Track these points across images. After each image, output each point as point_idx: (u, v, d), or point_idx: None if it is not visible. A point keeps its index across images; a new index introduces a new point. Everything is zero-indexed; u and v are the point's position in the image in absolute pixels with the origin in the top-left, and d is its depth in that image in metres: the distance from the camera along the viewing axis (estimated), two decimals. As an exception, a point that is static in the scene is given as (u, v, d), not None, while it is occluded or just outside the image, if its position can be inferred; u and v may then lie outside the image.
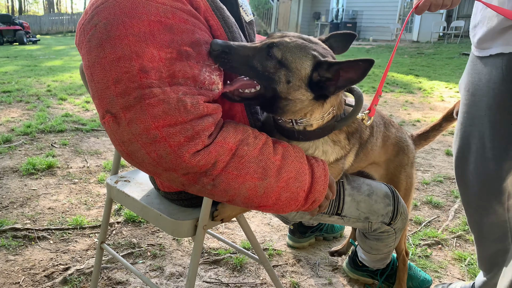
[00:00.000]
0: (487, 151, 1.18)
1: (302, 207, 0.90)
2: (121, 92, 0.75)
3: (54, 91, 5.19)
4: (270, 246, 1.80)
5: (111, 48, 0.75)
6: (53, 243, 1.77)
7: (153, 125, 0.74)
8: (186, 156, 0.75)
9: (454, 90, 6.09)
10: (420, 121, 4.27)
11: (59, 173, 2.56)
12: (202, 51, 0.82)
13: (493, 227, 1.28)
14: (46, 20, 22.47)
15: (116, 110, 0.76)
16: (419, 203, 2.31)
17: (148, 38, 0.75)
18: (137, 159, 0.78)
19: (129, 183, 1.31)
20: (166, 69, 0.76)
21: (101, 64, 0.76)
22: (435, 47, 12.38)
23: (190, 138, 0.76)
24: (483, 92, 1.14)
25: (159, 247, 1.77)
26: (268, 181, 0.82)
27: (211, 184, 0.80)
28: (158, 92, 0.75)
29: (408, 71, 8.01)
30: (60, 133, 3.43)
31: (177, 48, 0.78)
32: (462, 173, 1.29)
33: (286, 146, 0.89)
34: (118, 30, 0.75)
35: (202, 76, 0.81)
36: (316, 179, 0.89)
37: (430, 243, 1.87)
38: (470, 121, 1.20)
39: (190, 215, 1.09)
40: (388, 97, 5.49)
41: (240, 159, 0.80)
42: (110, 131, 0.79)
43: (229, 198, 0.83)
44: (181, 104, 0.76)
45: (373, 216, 1.20)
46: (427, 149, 3.35)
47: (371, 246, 1.35)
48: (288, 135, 0.97)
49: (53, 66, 7.79)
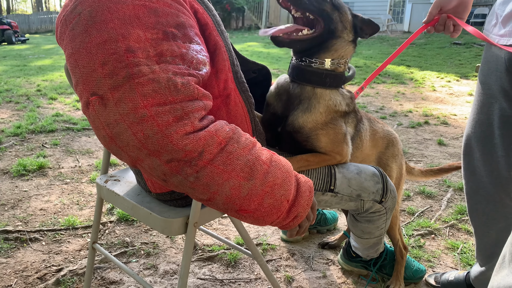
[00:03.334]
0: (495, 137, 1.18)
1: (283, 221, 0.87)
2: (109, 73, 0.74)
3: (44, 90, 5.13)
4: (264, 241, 1.80)
5: (96, 32, 0.75)
6: (45, 244, 1.76)
7: (141, 103, 0.72)
8: (174, 136, 0.73)
9: (446, 80, 6.11)
10: (412, 112, 4.28)
11: (51, 173, 2.54)
12: (188, 33, 0.83)
13: (498, 217, 1.28)
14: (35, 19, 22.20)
15: (104, 91, 0.74)
16: (412, 193, 2.32)
17: (133, 21, 0.76)
18: (122, 142, 0.75)
19: (119, 182, 1.30)
20: (153, 49, 0.76)
21: (87, 49, 0.75)
22: (426, 37, 12.40)
23: (179, 118, 0.74)
24: (491, 81, 1.13)
25: (152, 245, 1.77)
26: (253, 183, 0.79)
27: (194, 176, 0.76)
28: (146, 71, 0.74)
29: (399, 61, 8.02)
30: (51, 133, 3.40)
31: (163, 29, 0.78)
32: (470, 160, 1.28)
33: (275, 154, 0.87)
34: (103, 15, 0.75)
35: (190, 55, 0.80)
36: (301, 193, 0.87)
37: (423, 233, 1.88)
38: (480, 109, 1.20)
39: (180, 213, 1.08)
40: (380, 88, 5.49)
41: (228, 154, 0.77)
42: (95, 114, 0.76)
43: (209, 196, 0.79)
44: (172, 83, 0.75)
45: (365, 193, 1.21)
46: (420, 139, 3.36)
47: (362, 230, 1.35)
48: (316, 80, 1.14)
49: (42, 65, 7.71)
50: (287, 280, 1.55)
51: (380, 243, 1.44)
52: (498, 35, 1.06)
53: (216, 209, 0.84)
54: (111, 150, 0.79)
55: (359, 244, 1.45)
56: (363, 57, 8.72)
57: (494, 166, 1.21)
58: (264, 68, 1.25)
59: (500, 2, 1.05)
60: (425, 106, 4.55)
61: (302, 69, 1.15)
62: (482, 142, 1.22)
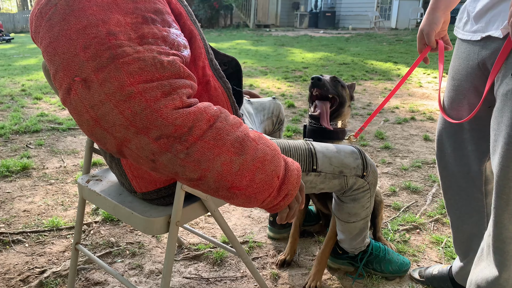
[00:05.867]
0: (465, 132, 1.20)
1: (274, 200, 0.86)
2: (92, 56, 0.72)
3: (28, 90, 5.06)
4: (251, 239, 1.80)
5: (75, 19, 0.74)
6: (28, 246, 1.74)
7: (128, 81, 0.71)
8: (164, 111, 0.72)
9: (432, 76, 6.17)
10: (398, 108, 4.32)
11: (35, 174, 2.50)
12: (166, 18, 0.83)
13: (470, 211, 1.30)
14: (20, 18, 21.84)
15: (87, 73, 0.72)
16: (398, 189, 2.34)
17: (112, 7, 0.76)
18: (107, 123, 0.73)
19: (101, 182, 1.29)
20: (134, 32, 0.76)
21: (66, 36, 0.74)
22: (413, 34, 12.50)
23: (167, 93, 0.73)
24: (462, 76, 1.15)
25: (138, 245, 1.75)
26: (244, 158, 0.78)
27: (185, 153, 0.74)
28: (130, 51, 0.73)
29: (386, 58, 8.08)
30: (36, 133, 3.35)
31: (142, 14, 0.78)
32: (442, 155, 1.31)
33: (262, 134, 0.88)
34: (80, 3, 0.75)
35: (171, 38, 0.81)
36: (290, 171, 0.87)
37: (409, 228, 1.90)
38: (450, 104, 1.23)
39: (162, 212, 1.08)
40: (367, 85, 5.53)
41: (218, 130, 0.76)
42: (77, 98, 0.74)
43: (200, 174, 0.77)
44: (158, 61, 0.74)
45: (346, 169, 1.27)
46: (406, 135, 3.39)
47: (349, 212, 1.37)
48: (334, 136, 1.51)
49: (27, 64, 7.60)
50: (273, 278, 1.55)
51: (367, 228, 1.46)
52: (471, 31, 1.07)
53: (206, 191, 0.81)
54: (94, 136, 0.77)
55: (345, 234, 1.46)
56: (351, 54, 8.76)
57: (464, 160, 1.24)
58: (233, 60, 1.27)
59: (471, 0, 1.07)
60: (412, 102, 4.59)
61: (321, 130, 1.51)
62: (453, 137, 1.25)
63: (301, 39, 12.22)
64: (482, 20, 1.03)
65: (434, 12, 1.22)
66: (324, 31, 14.95)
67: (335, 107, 1.52)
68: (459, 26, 1.15)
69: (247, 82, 5.66)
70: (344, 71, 6.56)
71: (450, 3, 1.21)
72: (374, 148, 3.06)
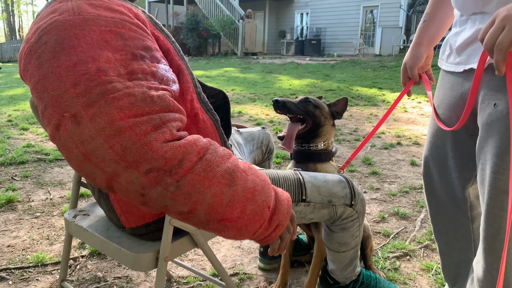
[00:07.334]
0: (449, 159, 1.23)
1: (265, 231, 0.85)
2: (82, 92, 0.73)
3: (15, 121, 5.02)
4: (241, 270, 1.78)
5: (65, 56, 0.75)
6: (12, 283, 1.69)
7: (118, 116, 0.72)
8: (154, 144, 0.72)
9: (416, 101, 6.31)
10: (385, 133, 4.38)
11: (20, 207, 2.45)
12: (155, 54, 0.85)
13: (458, 236, 1.31)
14: (8, 47, 21.91)
15: (77, 109, 0.73)
16: (387, 215, 2.35)
17: (101, 44, 0.77)
18: (97, 158, 0.72)
19: (88, 216, 1.27)
20: (124, 68, 0.77)
21: (56, 73, 0.75)
22: (396, 60, 12.83)
23: (158, 127, 0.74)
24: (445, 106, 1.19)
25: (126, 279, 1.72)
26: (234, 189, 0.78)
27: (175, 186, 0.73)
28: (120, 86, 0.74)
29: (371, 84, 8.25)
30: (22, 164, 3.30)
31: (131, 51, 0.80)
32: (429, 182, 1.33)
33: (251, 164, 0.88)
34: (70, 41, 0.76)
35: (160, 73, 0.82)
36: (280, 202, 0.87)
37: (399, 255, 1.90)
38: (435, 132, 1.26)
39: (150, 248, 1.07)
40: (353, 111, 5.62)
41: (208, 162, 0.76)
42: (67, 134, 0.73)
43: (190, 207, 0.76)
44: (148, 96, 0.75)
45: (335, 199, 1.28)
46: (393, 160, 3.43)
47: (339, 241, 1.37)
48: (316, 158, 1.51)
49: (14, 95, 7.56)
50: (264, 310, 1.52)
51: (357, 257, 1.46)
52: (454, 63, 1.11)
53: (196, 224, 0.80)
54: (83, 171, 0.76)
55: (336, 264, 1.46)
56: (337, 81, 8.93)
57: (450, 187, 1.26)
58: (221, 92, 1.30)
59: (453, 34, 1.12)
60: (397, 127, 4.67)
61: (304, 152, 1.52)
62: (438, 164, 1.27)
63: (288, 66, 12.44)
64: (464, 53, 1.07)
65: (417, 47, 1.26)
66: (310, 58, 15.26)
67: (309, 128, 1.50)
68: (443, 58, 1.19)
69: (236, 109, 5.71)
70: (331, 97, 6.67)
71: (433, 39, 1.26)
72: (362, 174, 3.08)
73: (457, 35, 1.09)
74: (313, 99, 1.56)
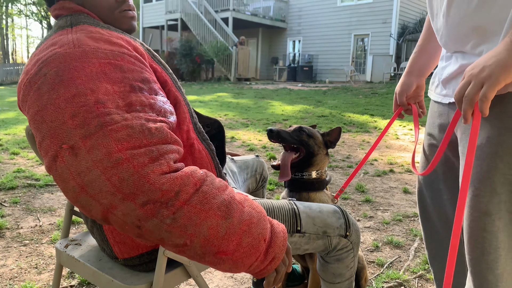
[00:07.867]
0: (440, 182, 1.25)
1: (261, 264, 0.85)
2: (80, 123, 0.74)
3: (5, 145, 4.97)
4: (234, 301, 1.75)
5: (64, 88, 0.76)
6: (-3, 315, 1.63)
7: (116, 148, 0.72)
8: (151, 176, 0.72)
9: (408, 128, 6.39)
10: (377, 160, 4.41)
11: (8, 234, 2.40)
12: (153, 86, 0.87)
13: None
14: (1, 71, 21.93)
15: (75, 141, 0.73)
16: (380, 243, 2.34)
17: (100, 76, 0.79)
18: (94, 190, 0.72)
19: (80, 246, 1.25)
20: (122, 100, 0.78)
21: (55, 104, 0.75)
22: (387, 87, 13.07)
23: (155, 159, 0.74)
24: (435, 132, 1.23)
25: (116, 310, 1.67)
26: (231, 221, 0.78)
27: (171, 218, 0.73)
28: (118, 118, 0.75)
29: (363, 110, 8.36)
30: (11, 190, 3.25)
31: (129, 83, 0.81)
32: (424, 206, 1.35)
33: (247, 196, 0.89)
34: (70, 73, 0.77)
35: (158, 105, 0.83)
36: (276, 234, 0.87)
37: (393, 285, 1.88)
38: (426, 159, 1.29)
39: (143, 279, 1.05)
40: (346, 137, 5.66)
41: (204, 194, 0.77)
42: (64, 166, 0.73)
43: (186, 240, 0.75)
44: (145, 128, 0.76)
45: (330, 229, 1.27)
46: (386, 188, 3.44)
47: (333, 272, 1.35)
48: (309, 187, 1.52)
49: (5, 118, 7.52)
50: None
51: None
52: (441, 94, 1.16)
53: (192, 257, 0.79)
54: (79, 203, 0.76)
55: None
56: (329, 107, 9.04)
57: (442, 210, 1.28)
58: (216, 121, 1.31)
59: (440, 67, 1.18)
60: (390, 154, 4.71)
61: (298, 180, 1.53)
62: (430, 188, 1.29)
63: (280, 92, 12.59)
64: (449, 85, 1.11)
65: (408, 76, 1.33)
66: (302, 84, 15.48)
67: (302, 157, 1.52)
68: (432, 88, 1.25)
69: (229, 134, 5.73)
70: (323, 123, 6.74)
71: (423, 69, 1.31)
72: (356, 202, 3.08)
73: (444, 69, 1.14)
74: (307, 128, 1.57)
